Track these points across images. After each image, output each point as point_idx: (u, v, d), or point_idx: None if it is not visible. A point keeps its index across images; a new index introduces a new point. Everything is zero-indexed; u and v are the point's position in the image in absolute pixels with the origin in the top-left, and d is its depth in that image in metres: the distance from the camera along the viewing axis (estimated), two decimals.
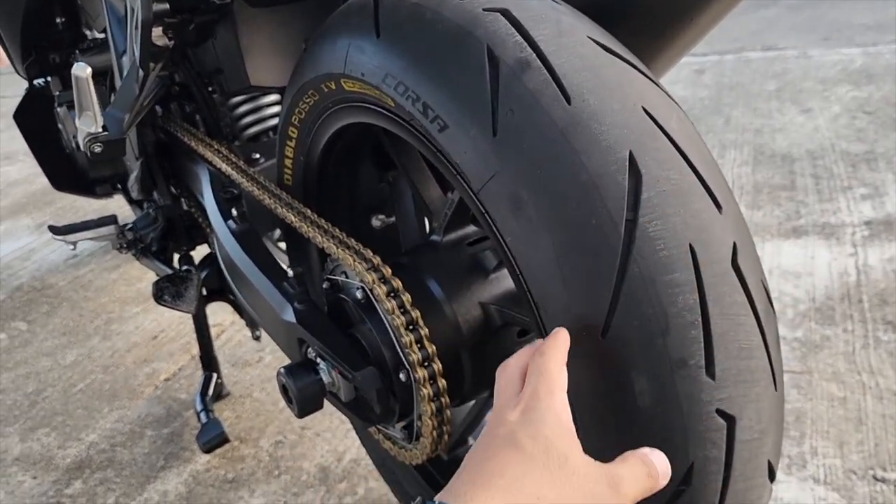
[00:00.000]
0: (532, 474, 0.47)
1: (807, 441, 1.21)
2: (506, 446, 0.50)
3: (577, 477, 0.48)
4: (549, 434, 0.50)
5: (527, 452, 0.49)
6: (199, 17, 0.97)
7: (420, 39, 0.65)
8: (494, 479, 0.47)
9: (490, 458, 0.49)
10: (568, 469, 0.48)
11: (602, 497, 0.48)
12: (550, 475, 0.48)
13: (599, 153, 0.56)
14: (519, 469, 0.48)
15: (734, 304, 0.57)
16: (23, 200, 2.79)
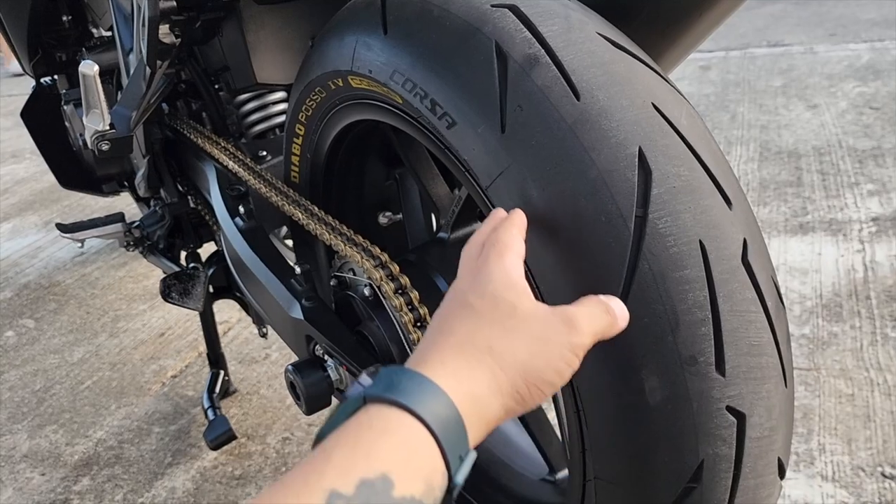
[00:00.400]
0: (482, 329, 0.48)
1: (815, 438, 1.21)
2: (457, 308, 0.51)
3: (528, 322, 0.49)
4: (495, 289, 0.50)
5: (475, 309, 0.49)
6: (206, 14, 0.97)
7: (428, 36, 0.65)
8: (447, 337, 0.48)
9: (443, 322, 0.50)
10: (517, 317, 0.49)
11: (557, 335, 0.48)
12: (500, 325, 0.48)
13: (609, 149, 0.56)
14: (469, 325, 0.49)
15: (744, 300, 0.56)
16: (30, 198, 2.80)
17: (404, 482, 0.38)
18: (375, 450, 0.38)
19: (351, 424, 0.40)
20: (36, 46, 1.47)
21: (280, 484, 0.36)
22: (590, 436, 0.62)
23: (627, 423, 0.58)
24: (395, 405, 0.41)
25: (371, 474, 0.37)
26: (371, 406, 0.42)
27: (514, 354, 0.47)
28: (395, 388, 0.42)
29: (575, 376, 0.59)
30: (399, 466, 0.38)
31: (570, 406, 0.62)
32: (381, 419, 0.40)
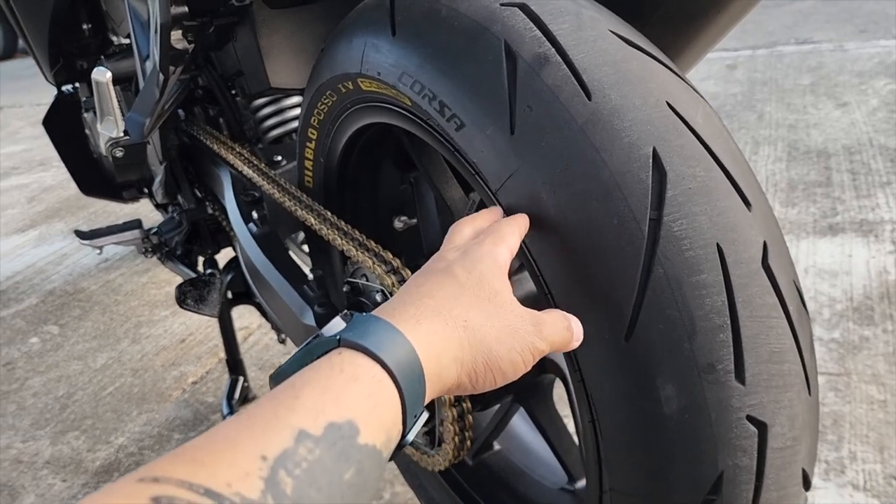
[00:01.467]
0: (462, 299, 0.49)
1: (845, 446, 1.17)
2: (441, 274, 0.52)
3: (505, 311, 0.51)
4: (483, 270, 0.52)
5: (460, 281, 0.51)
6: (219, 19, 0.97)
7: (436, 36, 0.63)
8: (425, 299, 0.49)
9: (423, 283, 0.51)
10: (497, 302, 0.51)
11: (524, 333, 0.51)
12: (479, 303, 0.50)
13: (621, 150, 0.54)
14: (450, 292, 0.50)
15: (764, 305, 0.54)
16: (56, 205, 2.84)
17: (368, 431, 0.38)
18: (345, 396, 0.39)
19: (322, 366, 0.41)
20: (57, 55, 1.49)
21: (247, 416, 0.36)
22: (605, 446, 0.60)
23: (643, 433, 0.56)
24: (368, 355, 0.42)
25: (339, 419, 0.37)
26: (344, 351, 0.42)
27: (484, 334, 0.49)
28: (370, 337, 0.43)
29: (588, 385, 0.58)
30: (365, 415, 0.39)
31: (584, 415, 0.61)
32: (352, 366, 0.41)
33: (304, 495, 0.33)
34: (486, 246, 0.54)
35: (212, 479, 0.31)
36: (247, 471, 0.32)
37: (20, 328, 1.95)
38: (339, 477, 0.36)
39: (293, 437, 0.35)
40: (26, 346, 1.87)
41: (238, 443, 0.34)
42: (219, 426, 0.36)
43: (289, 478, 0.33)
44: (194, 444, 0.34)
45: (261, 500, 0.32)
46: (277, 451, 0.34)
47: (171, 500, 0.30)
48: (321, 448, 0.35)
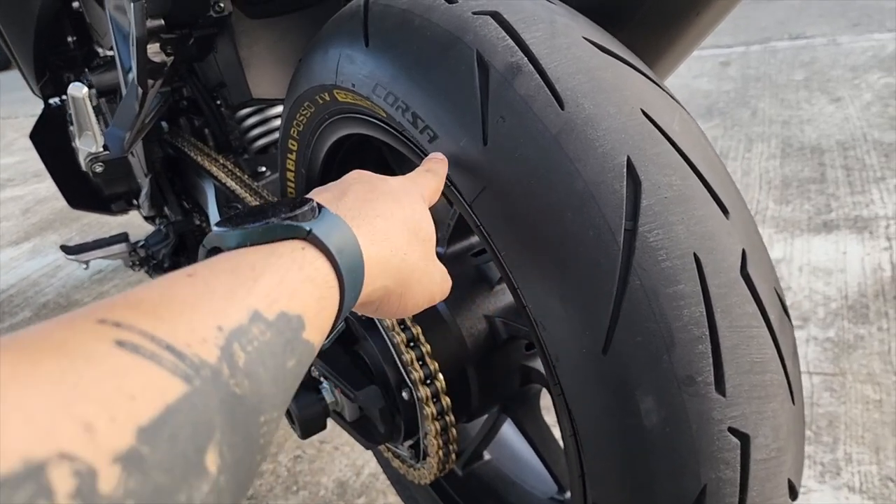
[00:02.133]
0: (404, 236, 0.52)
1: (840, 447, 1.16)
2: (390, 202, 0.53)
3: (430, 259, 0.56)
4: (423, 219, 0.55)
5: (405, 218, 0.53)
6: (198, 31, 0.96)
7: (408, 47, 0.62)
8: (380, 221, 0.50)
9: (375, 201, 0.52)
10: (428, 247, 0.55)
11: (433, 283, 0.57)
12: (417, 246, 0.53)
13: (595, 160, 0.53)
14: (399, 226, 0.52)
15: (744, 315, 0.53)
16: (51, 217, 2.83)
17: (312, 329, 0.39)
18: (300, 292, 0.40)
19: (284, 256, 0.41)
20: (43, 68, 1.48)
21: (204, 284, 0.36)
22: (587, 460, 0.59)
23: (624, 447, 0.55)
24: (329, 262, 0.43)
25: (291, 311, 0.38)
26: (308, 249, 0.42)
27: (412, 271, 0.53)
28: (333, 240, 0.43)
29: (568, 399, 0.57)
30: (312, 315, 0.40)
31: (565, 429, 0.60)
32: (312, 267, 0.42)
33: (253, 371, 0.34)
34: (424, 202, 0.56)
35: (173, 336, 0.31)
36: (204, 337, 0.33)
37: None
38: (284, 363, 0.37)
39: (248, 317, 0.35)
40: None
41: (197, 309, 0.34)
42: (173, 285, 0.36)
43: (241, 352, 0.34)
44: (150, 298, 0.34)
45: (217, 364, 0.32)
46: (233, 325, 0.34)
47: (135, 346, 0.30)
48: (271, 332, 0.36)
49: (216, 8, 0.91)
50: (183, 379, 0.30)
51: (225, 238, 0.42)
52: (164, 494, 0.27)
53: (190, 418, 0.29)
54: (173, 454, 0.28)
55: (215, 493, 0.30)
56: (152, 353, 0.30)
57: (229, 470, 0.31)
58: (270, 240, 0.42)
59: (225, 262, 0.39)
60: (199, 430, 0.29)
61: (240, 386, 0.33)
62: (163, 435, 0.28)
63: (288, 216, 0.43)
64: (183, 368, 0.30)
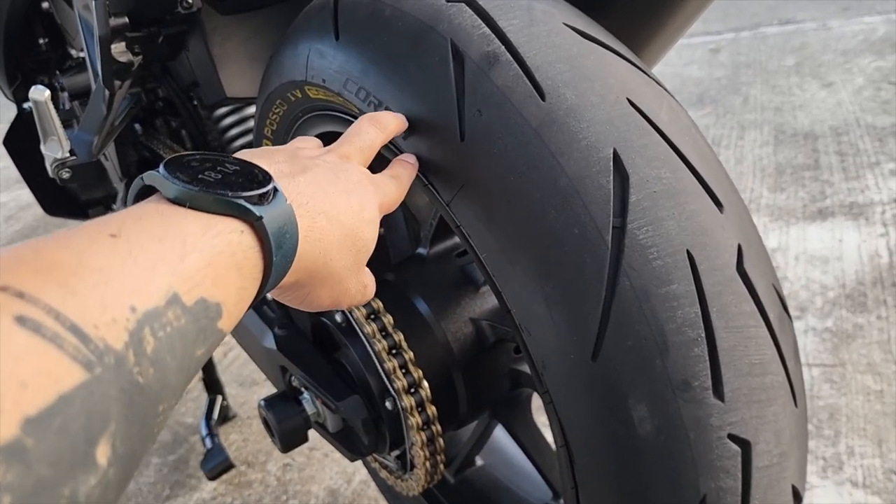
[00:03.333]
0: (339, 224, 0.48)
1: (842, 440, 1.13)
2: (333, 183, 0.49)
3: (363, 254, 0.51)
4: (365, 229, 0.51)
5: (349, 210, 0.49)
6: (167, 29, 0.92)
7: (380, 39, 0.59)
8: (323, 204, 0.47)
9: (322, 183, 0.48)
10: (362, 246, 0.51)
11: (359, 283, 0.53)
12: (348, 242, 0.49)
13: (579, 153, 0.50)
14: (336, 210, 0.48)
15: (742, 314, 0.50)
16: (34, 223, 2.79)
17: (227, 318, 0.38)
18: (224, 280, 0.37)
19: (220, 234, 0.38)
20: (15, 71, 1.44)
21: (127, 251, 0.33)
22: (579, 471, 0.56)
23: (617, 457, 0.52)
24: (262, 253, 0.40)
25: (211, 298, 0.36)
26: (247, 235, 0.39)
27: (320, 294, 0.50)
28: (277, 234, 0.40)
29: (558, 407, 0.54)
30: (231, 304, 0.38)
31: (556, 439, 0.57)
32: (245, 257, 0.39)
33: (161, 358, 0.32)
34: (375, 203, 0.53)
35: (80, 314, 0.29)
36: (115, 318, 0.30)
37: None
38: (193, 350, 0.35)
39: (166, 299, 0.33)
40: None
41: (112, 282, 0.31)
42: (92, 245, 0.32)
43: (152, 337, 0.32)
44: (65, 262, 0.31)
45: (122, 352, 0.30)
46: (148, 306, 0.32)
47: (36, 325, 0.27)
48: (187, 319, 0.34)
49: (184, 4, 0.87)
50: (83, 366, 0.27)
51: (167, 187, 0.38)
52: (47, 488, 0.25)
53: (84, 408, 0.27)
54: (61, 447, 0.26)
55: (102, 487, 0.27)
56: (54, 335, 0.27)
57: (120, 462, 0.29)
58: (214, 211, 0.38)
59: (156, 227, 0.35)
60: (93, 421, 0.27)
61: (143, 374, 0.31)
62: (52, 426, 0.25)
63: (244, 195, 0.39)
64: (85, 354, 0.28)
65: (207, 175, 0.40)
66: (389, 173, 0.55)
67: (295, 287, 0.49)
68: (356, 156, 0.54)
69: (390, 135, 0.56)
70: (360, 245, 0.50)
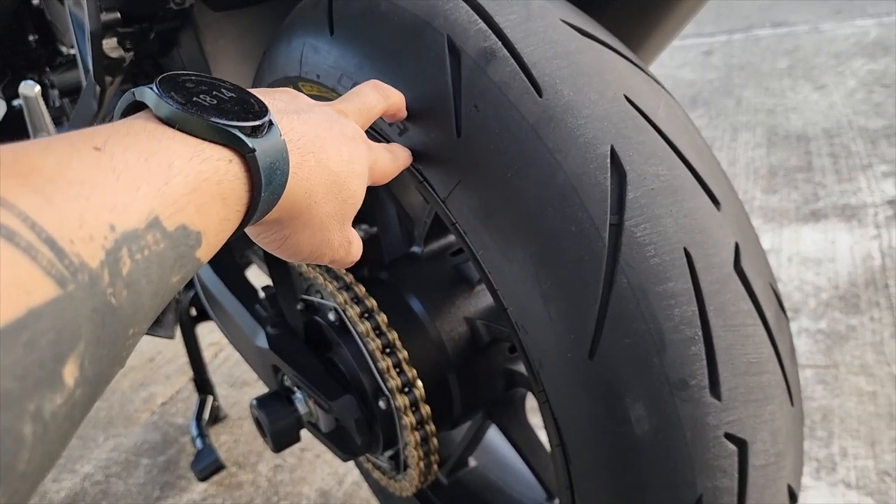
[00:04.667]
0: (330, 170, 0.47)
1: (835, 442, 1.13)
2: (333, 135, 0.48)
3: (350, 206, 0.50)
4: (356, 184, 0.49)
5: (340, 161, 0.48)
6: (159, 25, 0.91)
7: (374, 34, 0.58)
8: (309, 156, 0.45)
9: (320, 124, 0.47)
10: (351, 200, 0.49)
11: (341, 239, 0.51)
12: (336, 194, 0.48)
13: (577, 150, 0.49)
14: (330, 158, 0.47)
15: (739, 312, 0.50)
16: None
17: (206, 247, 0.36)
18: (208, 208, 0.36)
19: (208, 160, 0.36)
20: (4, 68, 1.43)
21: (111, 167, 0.31)
22: (575, 470, 0.55)
23: (614, 456, 0.52)
24: (251, 190, 0.39)
25: (192, 226, 0.35)
26: (235, 164, 0.38)
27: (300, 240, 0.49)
28: (269, 169, 0.39)
29: (554, 406, 0.53)
30: (212, 234, 0.37)
31: (552, 438, 0.56)
32: (231, 186, 0.37)
33: (136, 281, 0.31)
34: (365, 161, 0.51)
35: (57, 227, 0.28)
36: (92, 234, 0.29)
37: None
38: (169, 277, 0.34)
39: (146, 221, 0.32)
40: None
41: (93, 197, 0.30)
42: (75, 155, 0.31)
43: (128, 258, 0.31)
44: (45, 167, 0.29)
45: (97, 270, 0.29)
46: (128, 227, 0.31)
47: (11, 233, 0.26)
48: (166, 244, 0.33)
49: (176, 0, 0.86)
50: (56, 281, 0.27)
51: (159, 105, 0.36)
52: (12, 403, 0.24)
53: (54, 325, 0.26)
54: (27, 361, 0.25)
55: (68, 406, 0.27)
56: (28, 245, 0.26)
57: (88, 383, 0.28)
58: (205, 137, 0.37)
59: (143, 144, 0.34)
60: (62, 338, 0.27)
61: (117, 296, 0.30)
62: (19, 340, 0.25)
63: (238, 124, 0.38)
64: (59, 269, 0.27)
65: (202, 98, 0.38)
66: (385, 146, 0.54)
67: (275, 226, 0.47)
68: (354, 115, 0.53)
69: (391, 106, 0.54)
70: (346, 195, 0.49)
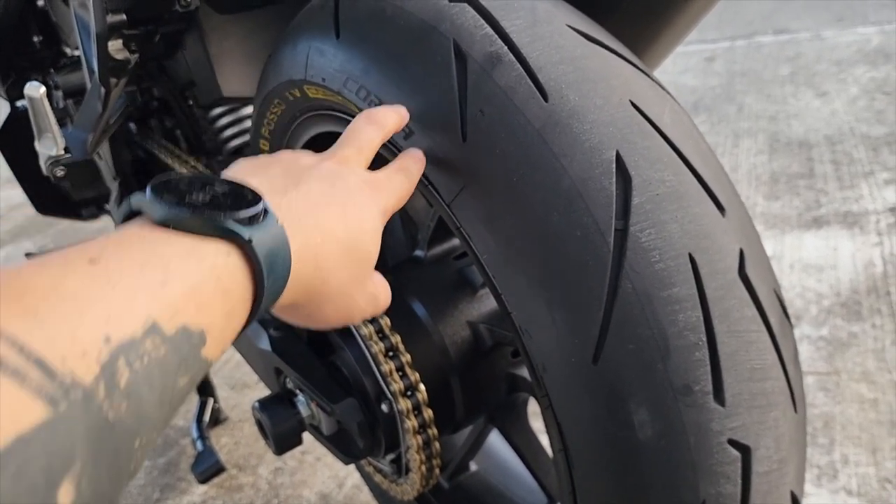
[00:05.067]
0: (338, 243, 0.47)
1: (837, 449, 1.13)
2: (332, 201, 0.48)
3: (366, 269, 0.50)
4: (366, 237, 0.50)
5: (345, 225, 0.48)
6: (164, 27, 0.91)
7: (381, 38, 0.59)
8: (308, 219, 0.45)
9: (317, 194, 0.47)
10: (366, 265, 0.50)
11: (360, 299, 0.51)
12: (348, 259, 0.48)
13: (582, 155, 0.49)
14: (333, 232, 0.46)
15: (743, 319, 0.50)
16: (24, 223, 2.77)
17: (213, 346, 0.36)
18: (209, 305, 0.35)
19: (205, 258, 0.36)
20: (8, 69, 1.43)
21: (105, 278, 0.31)
22: (578, 476, 0.55)
23: (617, 461, 0.52)
24: (254, 281, 0.38)
25: (194, 326, 0.34)
26: (234, 257, 0.37)
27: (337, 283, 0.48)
28: (268, 257, 0.39)
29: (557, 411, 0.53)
30: (217, 330, 0.36)
31: (555, 443, 0.56)
32: (232, 280, 0.37)
33: (136, 391, 0.30)
34: (377, 205, 0.51)
35: (48, 346, 0.27)
36: (85, 349, 0.28)
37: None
38: (174, 381, 0.33)
39: (144, 328, 0.31)
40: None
41: (86, 311, 0.29)
42: (70, 272, 0.31)
43: (126, 369, 0.30)
44: (39, 287, 0.29)
45: (91, 386, 0.28)
46: (124, 336, 0.30)
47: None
48: (167, 348, 0.32)
49: (182, 2, 0.86)
50: (47, 402, 0.26)
51: (153, 209, 0.36)
52: None
53: (45, 450, 0.25)
54: (17, 491, 0.24)
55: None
56: (16, 369, 0.25)
57: (85, 503, 0.27)
58: (201, 233, 0.36)
59: (137, 251, 0.34)
60: (55, 462, 0.25)
61: (115, 409, 0.29)
62: (8, 469, 0.24)
63: (232, 216, 0.37)
64: (49, 390, 0.26)
65: (195, 197, 0.38)
66: (396, 166, 0.54)
67: (294, 307, 0.47)
68: (354, 158, 0.53)
69: (390, 132, 0.54)
70: (360, 256, 0.48)
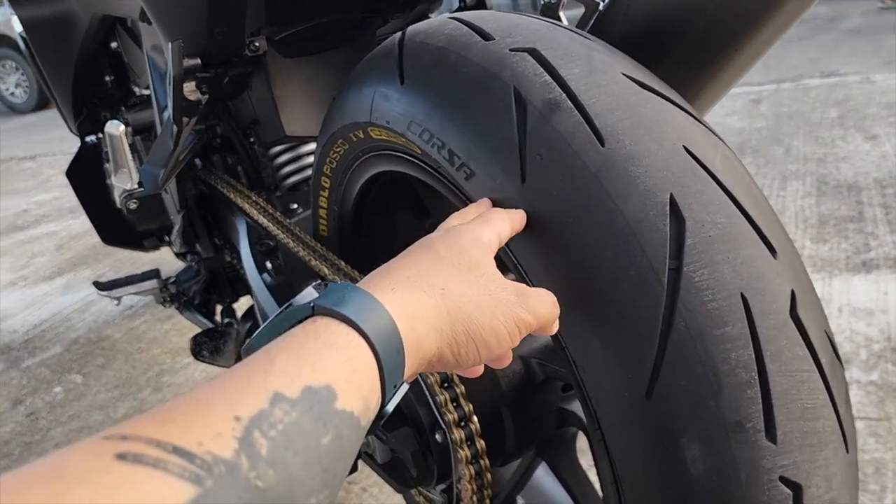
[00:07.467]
0: (441, 271, 0.49)
1: (889, 496, 1.11)
2: (420, 249, 0.51)
3: (486, 280, 0.50)
4: (464, 244, 0.51)
5: (440, 253, 0.50)
6: (233, 70, 0.97)
7: (444, 84, 0.62)
8: (401, 271, 0.48)
9: (402, 258, 0.50)
10: (478, 272, 0.50)
11: (507, 303, 0.49)
12: (459, 274, 0.49)
13: (637, 197, 0.52)
14: (428, 265, 0.49)
15: (795, 358, 0.51)
16: (84, 253, 2.86)
17: (346, 397, 0.37)
18: (321, 361, 0.38)
19: (297, 333, 0.40)
20: (80, 106, 1.51)
21: (220, 380, 0.35)
22: None
23: (668, 496, 0.53)
24: (343, 321, 0.41)
25: (315, 383, 0.36)
26: (318, 319, 0.41)
27: (463, 302, 0.48)
28: (344, 304, 0.42)
29: (609, 444, 0.55)
30: (343, 381, 0.38)
31: (606, 476, 0.57)
32: (327, 332, 0.40)
33: (279, 457, 0.32)
34: (470, 226, 0.53)
35: (182, 437, 0.30)
36: (220, 431, 0.31)
37: (44, 377, 1.96)
38: (317, 441, 0.34)
39: (268, 400, 0.34)
40: (50, 395, 1.86)
41: (211, 404, 0.33)
42: (194, 389, 0.34)
43: (264, 439, 0.32)
44: (167, 406, 0.33)
45: (234, 459, 0.30)
46: (252, 411, 0.33)
47: (137, 456, 0.28)
48: (297, 411, 0.34)
49: (251, 47, 0.91)
50: (191, 482, 0.28)
51: (246, 350, 0.41)
52: None
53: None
54: None
55: None
56: (156, 460, 0.28)
57: None
58: (285, 329, 0.41)
59: (241, 362, 0.38)
60: None
61: (262, 477, 0.31)
62: None
63: (290, 303, 0.43)
64: (192, 470, 0.29)
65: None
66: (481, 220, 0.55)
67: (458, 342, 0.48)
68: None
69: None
70: (467, 260, 0.51)
